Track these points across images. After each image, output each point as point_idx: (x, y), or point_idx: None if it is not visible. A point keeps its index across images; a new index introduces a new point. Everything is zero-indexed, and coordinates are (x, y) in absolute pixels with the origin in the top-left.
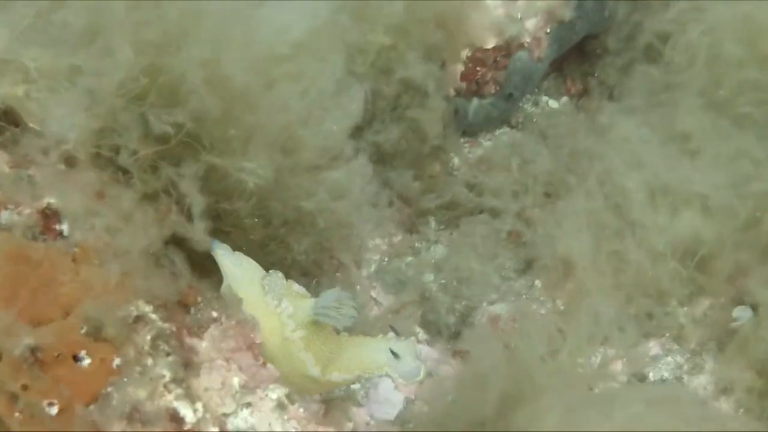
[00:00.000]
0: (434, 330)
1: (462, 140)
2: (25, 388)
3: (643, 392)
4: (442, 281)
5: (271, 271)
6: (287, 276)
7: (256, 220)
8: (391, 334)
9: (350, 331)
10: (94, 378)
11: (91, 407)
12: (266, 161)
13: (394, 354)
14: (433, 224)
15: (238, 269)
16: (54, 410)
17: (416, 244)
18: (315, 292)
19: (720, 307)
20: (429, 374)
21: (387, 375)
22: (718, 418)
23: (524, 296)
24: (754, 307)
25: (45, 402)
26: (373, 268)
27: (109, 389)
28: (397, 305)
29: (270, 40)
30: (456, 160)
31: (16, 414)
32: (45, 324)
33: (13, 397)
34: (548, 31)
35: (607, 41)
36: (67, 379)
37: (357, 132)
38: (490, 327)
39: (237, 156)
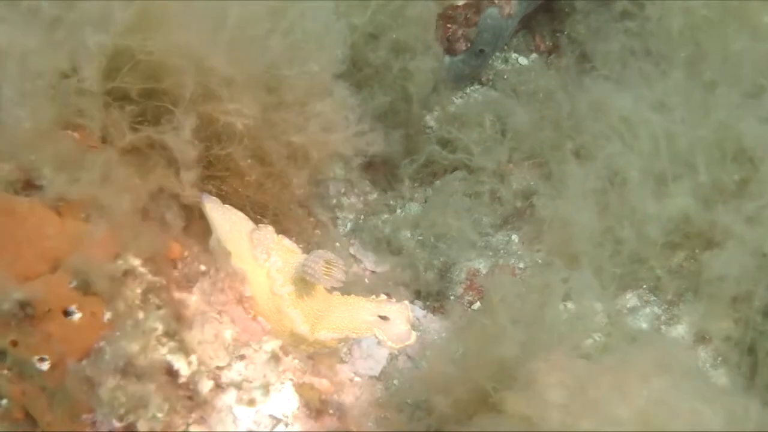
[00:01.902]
0: (414, 287)
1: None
2: (14, 344)
3: (642, 360)
4: (419, 238)
5: (260, 225)
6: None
7: (249, 160)
8: (383, 296)
9: (341, 291)
10: (85, 332)
11: (84, 362)
12: (251, 101)
13: (383, 318)
14: (407, 182)
15: (227, 223)
16: (45, 366)
17: (391, 202)
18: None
19: (695, 257)
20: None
21: (376, 336)
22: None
23: (502, 251)
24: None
25: (36, 358)
26: (349, 226)
27: (101, 343)
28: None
29: None
30: (428, 119)
31: (4, 371)
32: (32, 278)
33: (2, 354)
34: None
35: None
36: (58, 334)
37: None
38: (468, 283)
39: (222, 100)
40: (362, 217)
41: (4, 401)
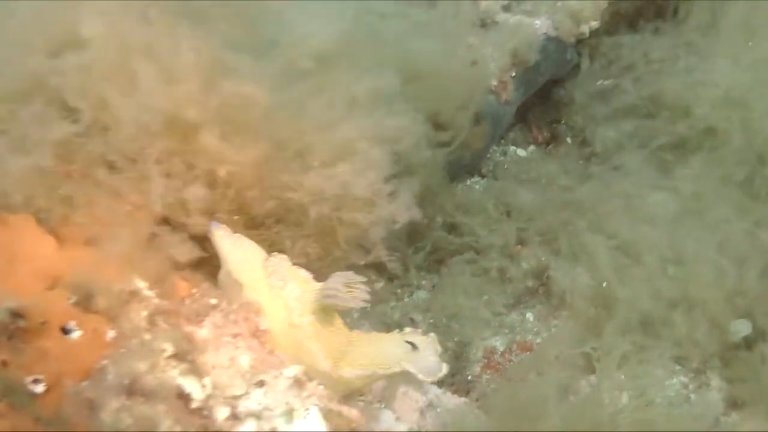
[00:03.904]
0: None
1: None
2: (4, 364)
3: None
4: (431, 321)
5: (274, 253)
6: None
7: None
8: (408, 329)
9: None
10: (86, 351)
11: (84, 384)
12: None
13: (412, 345)
14: (413, 270)
15: (238, 251)
16: (40, 388)
17: (398, 291)
18: None
19: (717, 323)
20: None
21: (405, 370)
22: None
23: (518, 328)
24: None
25: (29, 379)
26: (356, 315)
27: (104, 363)
28: None
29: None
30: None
31: None
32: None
33: None
34: (513, 74)
35: (574, 93)
36: (55, 352)
37: None
38: (486, 361)
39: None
40: (369, 305)
41: None
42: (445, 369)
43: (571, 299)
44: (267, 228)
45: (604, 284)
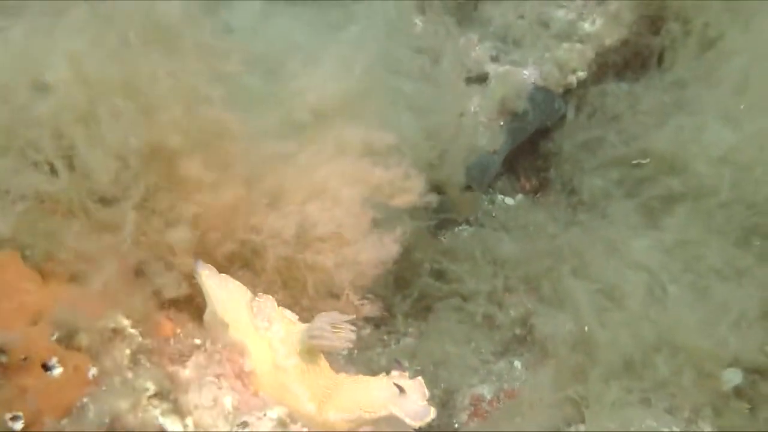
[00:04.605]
0: None
1: None
2: None
3: None
4: (417, 368)
5: (260, 294)
6: None
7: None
8: (395, 372)
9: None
10: (66, 388)
11: (64, 421)
12: None
13: (400, 389)
14: (400, 317)
15: (224, 291)
16: (18, 425)
17: (385, 337)
18: None
19: (705, 371)
20: None
21: (392, 414)
22: None
23: (506, 376)
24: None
25: (8, 415)
26: (342, 361)
27: (85, 400)
28: None
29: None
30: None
31: None
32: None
33: None
34: (502, 123)
35: (563, 143)
36: (35, 389)
37: None
38: (473, 409)
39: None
40: (356, 351)
41: None
42: (432, 413)
43: (553, 346)
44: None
45: (586, 329)
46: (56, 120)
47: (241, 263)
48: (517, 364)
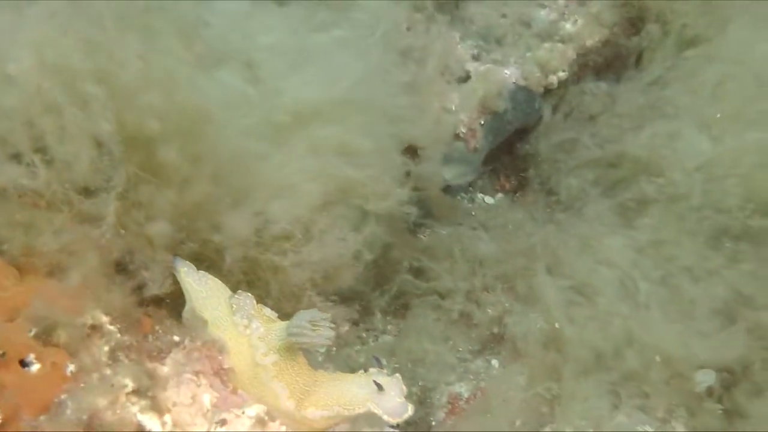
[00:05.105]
0: None
1: None
2: None
3: None
4: (396, 365)
5: (239, 291)
6: None
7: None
8: (373, 369)
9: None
10: (44, 385)
11: (41, 418)
12: None
13: (378, 386)
14: (379, 315)
15: (203, 288)
16: None
17: (363, 334)
18: None
19: (681, 373)
20: None
21: (370, 411)
22: None
23: (483, 375)
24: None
25: None
26: (320, 358)
27: (63, 397)
28: None
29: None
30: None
31: None
32: None
33: None
34: (482, 122)
35: (539, 145)
36: (13, 385)
37: None
38: (450, 407)
39: None
40: (334, 348)
41: None
42: (410, 410)
43: (524, 345)
44: None
45: (556, 325)
46: (26, 112)
47: (208, 263)
48: (495, 362)
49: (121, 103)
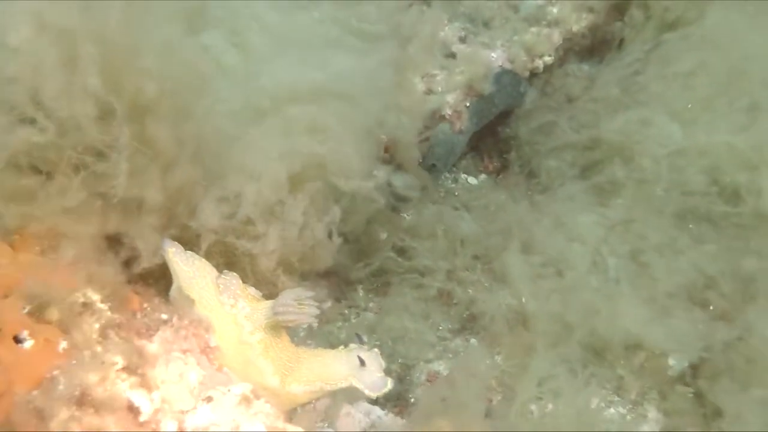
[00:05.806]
0: None
1: None
2: None
3: None
4: (377, 342)
5: (225, 271)
6: None
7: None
8: (353, 345)
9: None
10: (37, 360)
11: (34, 392)
12: None
13: (361, 360)
14: (361, 292)
15: (190, 268)
16: None
17: (345, 311)
18: None
19: (656, 356)
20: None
21: (351, 385)
22: None
23: (462, 354)
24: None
25: None
26: (302, 334)
27: (55, 373)
28: None
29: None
30: (379, 231)
31: None
32: None
33: None
34: (468, 104)
35: (519, 129)
36: (7, 361)
37: None
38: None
39: None
40: (316, 324)
41: None
42: (390, 384)
43: (491, 322)
44: None
45: (523, 299)
46: (31, 77)
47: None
48: (473, 341)
49: (119, 65)
